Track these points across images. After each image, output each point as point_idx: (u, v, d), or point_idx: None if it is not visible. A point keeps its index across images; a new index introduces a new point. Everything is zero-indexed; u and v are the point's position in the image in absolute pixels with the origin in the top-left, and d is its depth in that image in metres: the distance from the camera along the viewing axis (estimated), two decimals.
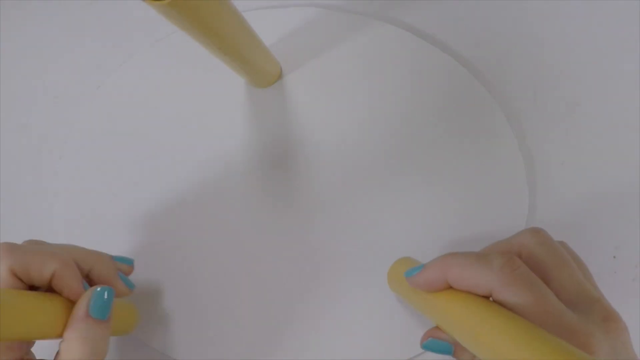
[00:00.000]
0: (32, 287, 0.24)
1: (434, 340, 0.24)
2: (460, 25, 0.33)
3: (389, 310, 0.30)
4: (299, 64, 0.33)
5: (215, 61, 0.29)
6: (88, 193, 0.37)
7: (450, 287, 0.22)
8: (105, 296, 0.23)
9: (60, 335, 0.22)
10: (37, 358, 0.25)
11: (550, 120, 0.32)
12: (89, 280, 0.26)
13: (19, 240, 0.39)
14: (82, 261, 0.26)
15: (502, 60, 0.33)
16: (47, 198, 0.39)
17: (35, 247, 0.25)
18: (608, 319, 0.19)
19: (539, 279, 0.20)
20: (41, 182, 0.39)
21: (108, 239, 0.35)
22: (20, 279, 0.23)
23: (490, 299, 0.21)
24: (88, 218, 0.37)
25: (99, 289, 0.23)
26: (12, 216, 0.39)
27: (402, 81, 0.32)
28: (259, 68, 0.30)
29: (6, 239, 0.39)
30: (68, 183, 0.38)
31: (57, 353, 0.22)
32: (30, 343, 0.25)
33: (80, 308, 0.22)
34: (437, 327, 0.25)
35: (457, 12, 0.33)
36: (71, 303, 0.23)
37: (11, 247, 0.23)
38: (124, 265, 0.29)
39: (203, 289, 0.34)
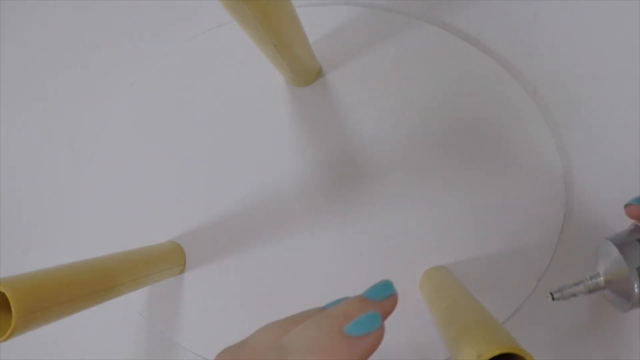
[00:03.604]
0: None
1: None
2: (502, 27, 0.33)
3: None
4: (339, 62, 0.33)
5: (251, 58, 0.28)
6: (119, 193, 0.36)
7: None
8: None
9: None
10: None
11: (588, 122, 0.32)
12: None
13: (52, 239, 0.38)
14: None
15: (542, 62, 0.33)
16: (78, 198, 0.38)
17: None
18: None
19: None
20: (72, 182, 0.39)
21: (139, 240, 0.35)
22: None
23: None
24: (117, 218, 0.36)
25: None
26: (43, 215, 0.39)
27: (442, 81, 0.32)
28: (304, 65, 0.30)
29: (36, 236, 0.39)
30: (98, 183, 0.37)
31: None
32: None
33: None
34: None
35: (499, 14, 0.33)
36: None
37: None
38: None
39: (240, 292, 0.33)
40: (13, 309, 0.21)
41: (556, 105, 0.32)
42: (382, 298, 0.19)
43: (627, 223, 0.31)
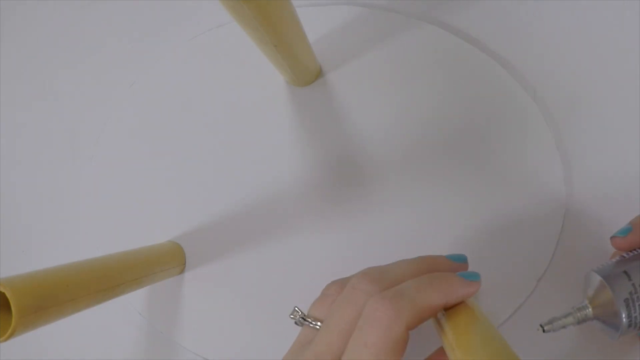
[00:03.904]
0: None
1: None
2: (502, 27, 0.33)
3: None
4: (339, 62, 0.33)
5: (251, 58, 0.29)
6: (119, 193, 0.36)
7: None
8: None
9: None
10: None
11: (588, 122, 0.32)
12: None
13: (52, 239, 0.38)
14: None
15: (542, 62, 0.33)
16: (78, 198, 0.38)
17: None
18: None
19: None
20: (72, 182, 0.39)
21: (139, 240, 0.35)
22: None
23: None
24: (117, 218, 0.36)
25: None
26: (43, 215, 0.39)
27: (442, 81, 0.32)
28: (304, 65, 0.30)
29: (36, 236, 0.39)
30: (98, 183, 0.37)
31: None
32: None
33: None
34: None
35: (499, 14, 0.34)
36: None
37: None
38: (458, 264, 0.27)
39: (240, 294, 0.33)
40: (13, 309, 0.21)
41: (556, 105, 0.32)
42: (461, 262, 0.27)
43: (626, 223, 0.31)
